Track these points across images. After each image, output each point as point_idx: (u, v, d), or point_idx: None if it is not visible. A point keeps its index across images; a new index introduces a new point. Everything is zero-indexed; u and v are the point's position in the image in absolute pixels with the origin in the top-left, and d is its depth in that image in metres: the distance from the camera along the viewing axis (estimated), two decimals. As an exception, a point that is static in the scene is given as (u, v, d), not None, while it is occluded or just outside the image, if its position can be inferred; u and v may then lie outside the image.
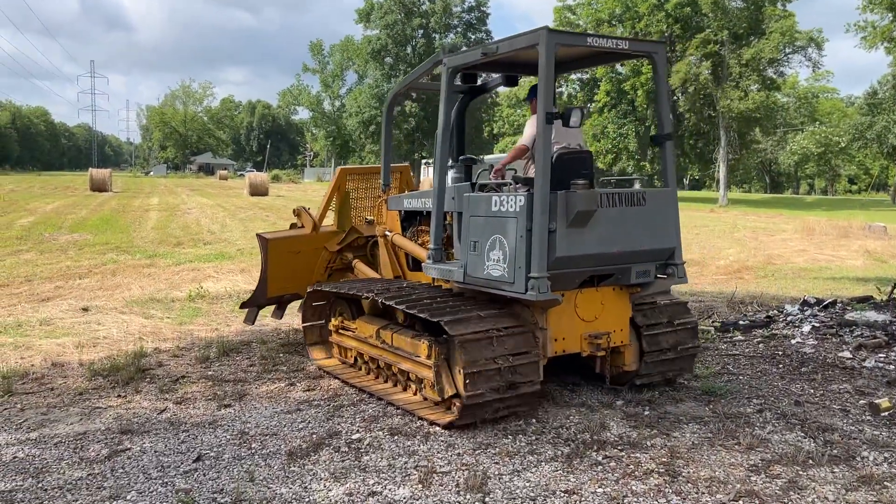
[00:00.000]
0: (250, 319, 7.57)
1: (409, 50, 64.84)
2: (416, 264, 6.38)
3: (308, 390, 5.88)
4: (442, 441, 4.66)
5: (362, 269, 7.32)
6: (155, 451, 4.53)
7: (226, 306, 8.87)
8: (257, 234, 7.63)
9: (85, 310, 8.72)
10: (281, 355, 6.91)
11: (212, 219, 22.44)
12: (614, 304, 5.28)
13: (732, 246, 17.54)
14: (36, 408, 5.40)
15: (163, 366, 6.56)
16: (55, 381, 6.07)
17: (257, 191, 39.06)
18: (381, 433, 4.82)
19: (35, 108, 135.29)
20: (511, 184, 5.19)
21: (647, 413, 5.20)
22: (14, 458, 4.46)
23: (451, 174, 5.99)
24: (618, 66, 52.68)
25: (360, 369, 6.16)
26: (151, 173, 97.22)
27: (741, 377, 6.21)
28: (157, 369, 6.45)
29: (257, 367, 6.55)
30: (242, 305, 7.66)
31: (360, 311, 6.36)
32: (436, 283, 5.80)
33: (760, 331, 7.70)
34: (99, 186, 39.65)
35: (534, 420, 5.04)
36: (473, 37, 65.46)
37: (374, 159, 48.54)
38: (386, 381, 5.80)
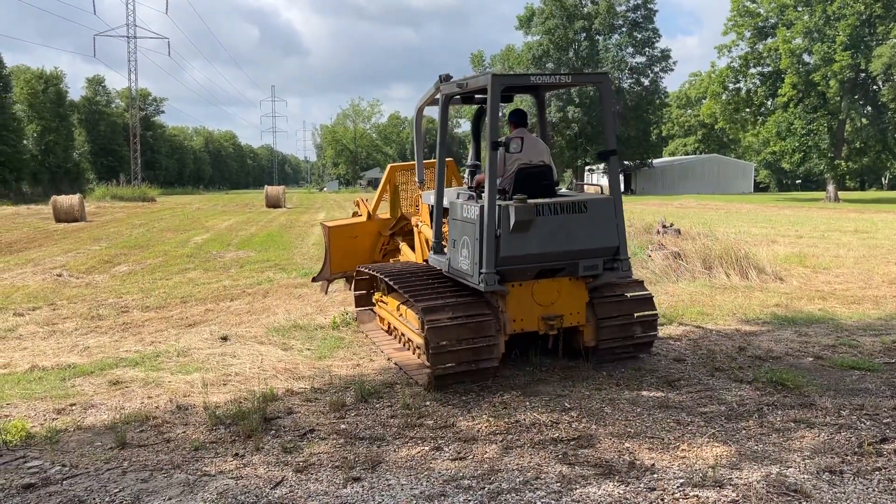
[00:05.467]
0: (324, 290, 9.36)
1: (570, 54, 62.76)
2: None
3: (457, 458, 4.62)
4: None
5: (405, 251, 8.44)
6: (252, 556, 3.44)
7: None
8: (321, 223, 9.11)
9: (224, 339, 8.06)
10: (428, 403, 5.71)
11: (372, 233, 22.13)
12: (570, 291, 6.23)
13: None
14: (139, 470, 4.55)
15: (292, 413, 5.58)
16: (174, 431, 5.27)
17: (419, 203, 38.87)
18: (553, 546, 3.42)
19: (225, 132, 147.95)
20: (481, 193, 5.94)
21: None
22: (88, 551, 3.55)
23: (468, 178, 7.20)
24: (805, 56, 47.47)
25: (391, 334, 7.54)
26: (325, 189, 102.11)
27: None
28: (285, 418, 5.47)
29: (398, 419, 5.39)
30: (314, 280, 9.39)
31: (393, 289, 7.03)
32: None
33: None
34: (273, 203, 40.94)
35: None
36: (639, 36, 62.10)
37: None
38: (403, 346, 7.07)
